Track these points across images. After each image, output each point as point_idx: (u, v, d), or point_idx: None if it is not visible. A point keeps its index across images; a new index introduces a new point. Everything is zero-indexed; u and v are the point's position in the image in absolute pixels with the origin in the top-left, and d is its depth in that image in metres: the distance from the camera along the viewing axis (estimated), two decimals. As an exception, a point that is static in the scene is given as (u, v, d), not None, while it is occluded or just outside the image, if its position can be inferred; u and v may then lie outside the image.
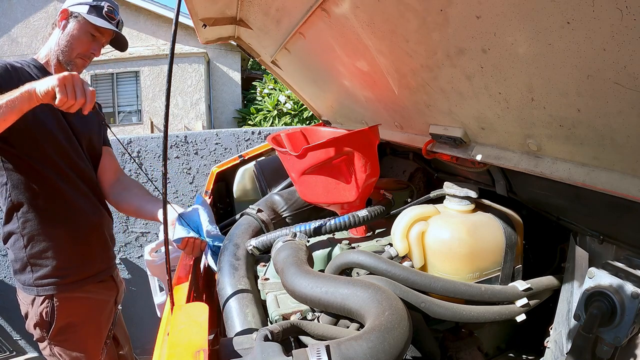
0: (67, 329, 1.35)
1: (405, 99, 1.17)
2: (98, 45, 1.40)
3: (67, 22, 1.34)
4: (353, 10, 0.95)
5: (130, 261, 3.11)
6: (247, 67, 11.51)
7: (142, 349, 2.71)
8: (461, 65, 0.79)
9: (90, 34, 1.36)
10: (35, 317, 1.33)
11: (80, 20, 1.34)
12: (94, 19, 1.34)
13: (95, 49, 1.39)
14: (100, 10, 1.35)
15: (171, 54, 0.63)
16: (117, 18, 1.42)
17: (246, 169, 2.00)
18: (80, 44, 1.35)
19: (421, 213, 1.06)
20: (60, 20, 1.35)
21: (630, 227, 0.80)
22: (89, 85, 1.07)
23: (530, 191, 1.06)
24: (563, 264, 1.07)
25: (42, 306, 1.31)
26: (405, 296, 0.87)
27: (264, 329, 0.69)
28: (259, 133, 3.16)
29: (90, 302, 1.41)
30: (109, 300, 1.51)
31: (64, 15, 1.35)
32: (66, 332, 1.35)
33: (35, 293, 1.31)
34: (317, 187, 1.20)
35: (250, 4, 1.39)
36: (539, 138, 0.78)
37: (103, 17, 1.36)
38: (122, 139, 3.01)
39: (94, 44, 1.38)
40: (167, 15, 10.11)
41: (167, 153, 0.73)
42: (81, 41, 1.35)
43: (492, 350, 1.21)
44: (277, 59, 1.83)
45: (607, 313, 0.73)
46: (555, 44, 0.56)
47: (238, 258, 1.16)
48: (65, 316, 1.34)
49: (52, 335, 1.34)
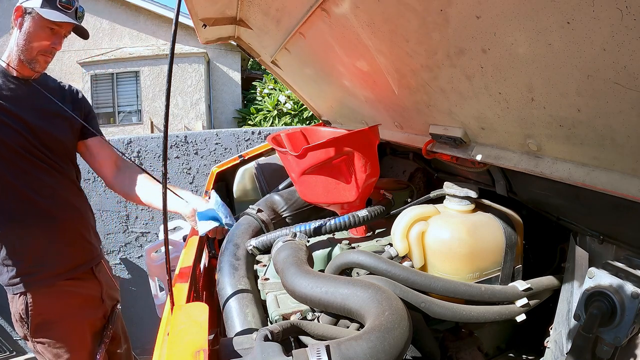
0: (44, 326, 1.35)
1: (405, 99, 1.17)
2: (58, 38, 1.33)
3: (23, 20, 1.27)
4: (353, 10, 0.95)
5: (130, 261, 3.11)
6: (247, 67, 11.52)
7: (142, 349, 2.71)
8: (461, 65, 0.79)
9: (48, 28, 1.29)
10: (15, 315, 1.35)
11: (34, 16, 1.26)
12: (49, 12, 1.26)
13: (55, 43, 1.32)
14: (53, 2, 1.27)
15: (171, 54, 0.63)
16: (74, 6, 1.33)
17: (246, 169, 2.00)
18: (39, 41, 1.28)
19: (421, 213, 1.06)
20: (15, 18, 1.28)
21: (630, 227, 0.80)
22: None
23: (530, 191, 1.06)
24: (563, 264, 1.07)
25: (18, 304, 1.33)
26: (405, 296, 0.87)
27: (264, 329, 0.69)
28: (259, 133, 3.16)
29: (67, 298, 1.40)
30: (91, 295, 1.48)
31: (18, 12, 1.28)
32: (44, 329, 1.35)
33: (12, 292, 1.33)
34: (317, 187, 1.20)
35: (250, 4, 1.38)
36: (539, 138, 0.78)
37: (57, 8, 1.28)
38: (122, 139, 3.01)
39: (53, 37, 1.31)
40: (167, 15, 10.11)
41: (167, 153, 0.73)
42: (39, 37, 1.28)
43: (492, 350, 1.21)
44: (277, 59, 1.83)
45: (607, 313, 0.73)
46: (555, 44, 0.56)
47: (238, 258, 1.16)
48: (39, 313, 1.34)
49: (31, 332, 1.34)
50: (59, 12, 1.28)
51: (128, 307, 3.06)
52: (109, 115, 10.26)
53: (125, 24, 10.27)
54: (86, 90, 9.87)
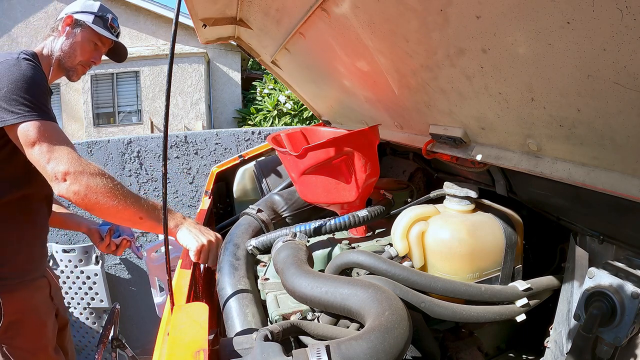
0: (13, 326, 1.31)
1: (405, 99, 1.17)
2: (99, 54, 1.44)
3: (72, 29, 1.37)
4: (353, 10, 0.95)
5: (130, 261, 3.11)
6: (247, 67, 11.51)
7: (142, 349, 2.71)
8: (461, 65, 0.79)
9: (93, 42, 1.40)
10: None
11: (85, 29, 1.37)
12: (100, 29, 1.38)
13: (96, 58, 1.43)
14: (105, 21, 1.41)
15: (171, 54, 0.63)
16: (118, 30, 1.47)
17: (246, 169, 2.00)
18: (83, 52, 1.38)
19: (421, 213, 1.06)
20: (64, 25, 1.37)
21: (630, 227, 0.80)
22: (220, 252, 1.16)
23: (530, 191, 1.06)
24: (563, 264, 1.07)
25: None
26: (405, 296, 0.87)
27: (264, 329, 0.69)
28: (259, 133, 3.16)
29: (29, 298, 1.37)
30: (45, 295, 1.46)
31: (68, 21, 1.37)
32: (13, 328, 1.31)
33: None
34: (317, 187, 1.20)
35: (250, 4, 1.39)
36: (539, 138, 0.78)
37: (107, 28, 1.40)
38: (122, 139, 3.01)
39: (95, 52, 1.42)
40: (167, 15, 10.11)
41: (167, 153, 0.73)
42: (84, 49, 1.38)
43: (492, 350, 1.21)
44: (277, 59, 1.83)
45: (607, 313, 0.73)
46: (555, 44, 0.56)
47: (238, 258, 1.16)
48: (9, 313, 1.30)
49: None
50: (108, 31, 1.40)
51: (128, 307, 3.06)
52: (109, 115, 10.26)
53: (125, 24, 10.24)
54: (86, 90, 9.89)
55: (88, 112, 9.95)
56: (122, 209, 1.07)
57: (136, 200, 1.10)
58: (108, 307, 2.95)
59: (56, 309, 1.49)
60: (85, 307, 2.94)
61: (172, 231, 1.12)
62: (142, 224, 1.12)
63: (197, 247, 1.08)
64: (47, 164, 1.07)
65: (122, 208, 1.07)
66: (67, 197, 1.06)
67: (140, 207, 1.10)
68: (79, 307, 2.94)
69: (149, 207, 1.11)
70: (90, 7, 1.39)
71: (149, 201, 1.13)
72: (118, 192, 1.08)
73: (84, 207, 1.08)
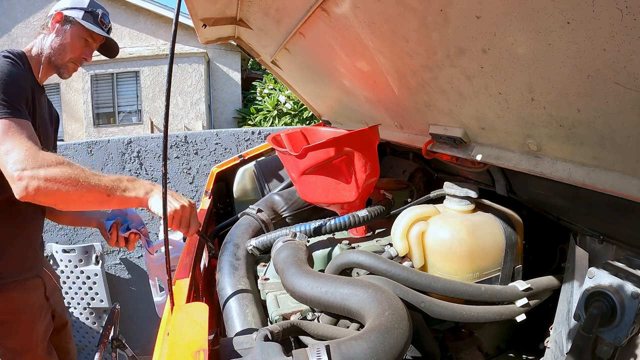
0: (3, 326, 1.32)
1: (405, 99, 1.17)
2: (90, 50, 1.40)
3: (62, 26, 1.34)
4: (353, 10, 0.95)
5: (130, 261, 3.11)
6: (247, 67, 11.51)
7: (142, 349, 2.71)
8: (461, 65, 0.79)
9: (84, 39, 1.36)
10: None
11: (75, 25, 1.34)
12: (90, 25, 1.34)
13: (87, 54, 1.39)
14: (95, 17, 1.37)
15: (171, 54, 0.63)
16: (109, 25, 1.43)
17: (246, 169, 2.00)
18: (73, 49, 1.35)
19: (421, 213, 1.06)
20: (54, 22, 1.34)
21: (630, 227, 0.80)
22: (196, 215, 1.11)
23: (530, 191, 1.06)
24: (563, 264, 1.07)
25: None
26: (405, 296, 0.87)
27: (264, 329, 0.69)
28: (259, 133, 3.16)
29: (20, 299, 1.36)
30: (39, 296, 1.45)
31: (57, 18, 1.34)
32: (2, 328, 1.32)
33: None
34: (317, 187, 1.20)
35: (250, 4, 1.39)
36: (539, 138, 0.78)
37: (97, 24, 1.37)
38: (122, 139, 3.01)
39: (86, 49, 1.39)
40: (167, 15, 10.10)
41: (167, 153, 0.73)
42: (75, 46, 1.35)
43: (492, 350, 1.21)
44: (277, 59, 1.83)
45: (607, 313, 0.73)
46: (555, 44, 0.56)
47: (238, 258, 1.16)
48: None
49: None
50: (98, 27, 1.37)
51: (128, 307, 3.06)
52: (109, 115, 10.25)
53: (125, 24, 10.25)
54: (86, 90, 9.88)
55: (88, 112, 9.95)
56: (86, 192, 1.04)
57: (99, 179, 1.06)
58: (108, 307, 2.95)
59: (52, 310, 1.47)
60: (85, 307, 2.94)
61: (143, 199, 1.07)
62: (111, 202, 1.08)
63: (170, 212, 1.04)
64: (6, 165, 1.03)
65: (86, 191, 1.03)
66: (27, 198, 1.02)
67: (105, 184, 1.06)
68: (79, 307, 2.94)
69: (113, 181, 1.08)
70: (80, 3, 1.36)
71: (112, 176, 1.10)
72: (79, 176, 1.04)
73: (47, 203, 1.05)
